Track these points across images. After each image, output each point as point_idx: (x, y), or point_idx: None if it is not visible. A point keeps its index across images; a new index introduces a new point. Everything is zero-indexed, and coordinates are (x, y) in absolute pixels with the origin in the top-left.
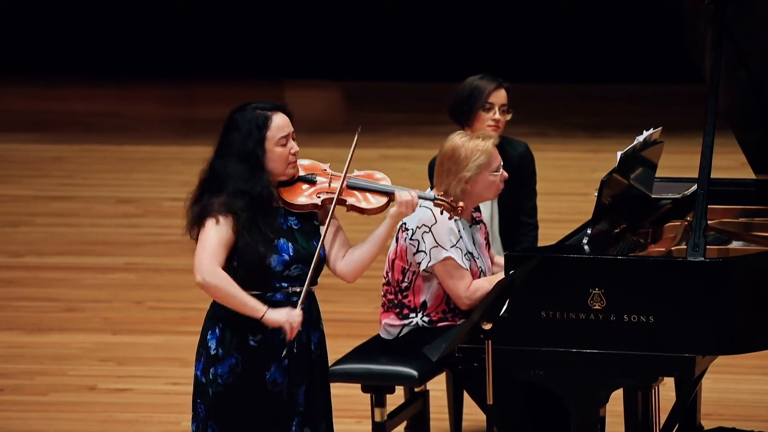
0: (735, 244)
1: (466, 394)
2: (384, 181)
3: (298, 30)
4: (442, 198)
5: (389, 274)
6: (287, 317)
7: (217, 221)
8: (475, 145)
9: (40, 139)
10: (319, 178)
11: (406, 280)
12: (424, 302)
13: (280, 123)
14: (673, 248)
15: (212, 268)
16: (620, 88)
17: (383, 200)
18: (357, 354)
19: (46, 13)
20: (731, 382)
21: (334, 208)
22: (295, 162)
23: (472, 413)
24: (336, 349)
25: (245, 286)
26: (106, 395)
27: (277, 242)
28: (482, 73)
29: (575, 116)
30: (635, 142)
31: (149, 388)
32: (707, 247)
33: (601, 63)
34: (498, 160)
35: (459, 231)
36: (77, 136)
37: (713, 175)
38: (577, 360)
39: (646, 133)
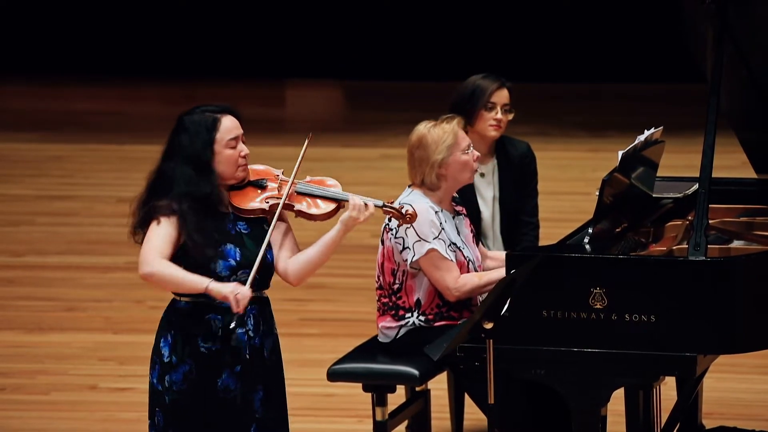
0: (736, 244)
1: (467, 394)
2: (335, 188)
3: (298, 29)
4: (390, 205)
5: (380, 278)
6: (233, 289)
7: (159, 222)
8: (441, 129)
9: (41, 139)
10: (269, 184)
11: (397, 281)
12: (418, 300)
13: (229, 125)
14: (674, 247)
15: (150, 258)
16: (621, 87)
17: (332, 206)
18: (358, 353)
19: (48, 12)
20: (732, 381)
21: (278, 212)
22: (246, 165)
23: (474, 413)
24: (337, 348)
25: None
26: (107, 394)
27: (223, 247)
28: (484, 72)
29: (576, 116)
30: (636, 142)
31: None
32: (708, 246)
33: (602, 62)
34: (467, 140)
35: (440, 223)
36: (78, 136)
37: (714, 175)
38: (578, 359)
39: (647, 133)
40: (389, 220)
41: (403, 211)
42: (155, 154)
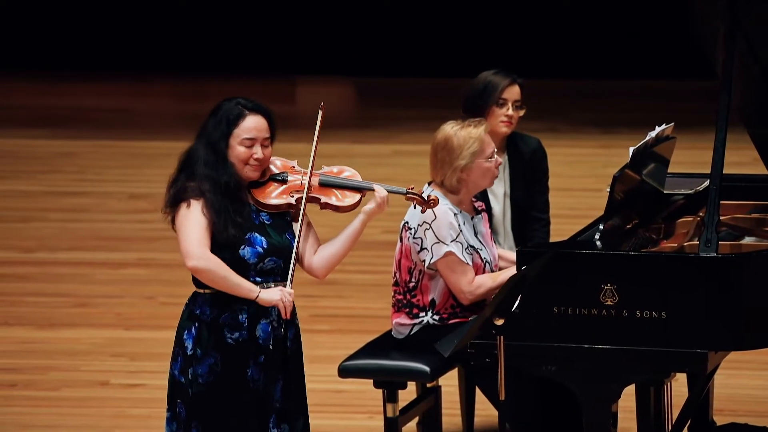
0: (747, 240)
1: (478, 390)
2: (355, 177)
3: (310, 26)
4: (413, 192)
5: (397, 275)
6: (281, 295)
7: (189, 205)
8: (468, 133)
9: (53, 135)
10: (290, 177)
11: (413, 279)
12: (433, 300)
13: (250, 125)
14: (685, 244)
15: (202, 251)
16: (632, 83)
17: (357, 197)
18: (369, 350)
19: (59, 9)
20: (744, 377)
21: (304, 207)
22: (258, 167)
23: (485, 409)
24: (348, 344)
25: None
26: (118, 390)
27: (250, 236)
28: (495, 68)
29: (587, 112)
30: (647, 138)
31: (161, 383)
32: (720, 242)
33: (613, 59)
34: (491, 147)
35: (459, 225)
36: (89, 132)
37: (726, 171)
38: (589, 356)
39: (658, 129)
40: (414, 206)
41: (425, 196)
42: (166, 150)
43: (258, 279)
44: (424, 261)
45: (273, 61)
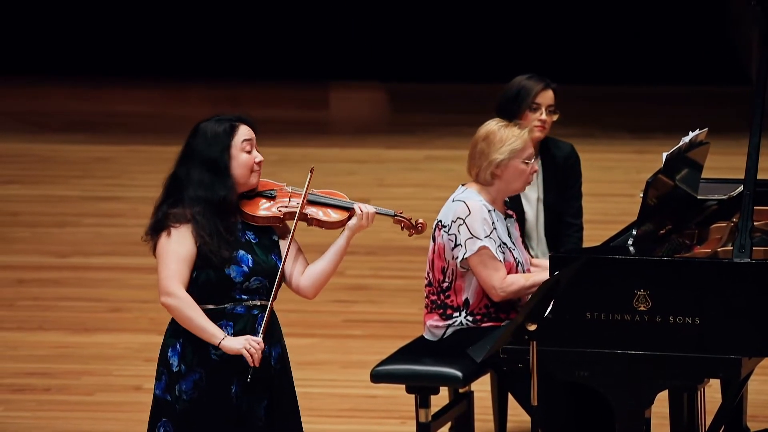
0: None
1: (510, 395)
2: (343, 198)
3: (343, 32)
4: (401, 215)
5: (430, 275)
6: (245, 344)
7: (169, 234)
8: (511, 131)
9: (87, 140)
10: (279, 194)
11: (446, 279)
12: (467, 300)
13: (244, 131)
14: (719, 249)
15: (172, 288)
16: (666, 89)
17: (344, 215)
18: (401, 355)
19: (94, 15)
20: None
21: (296, 223)
22: (259, 171)
23: (517, 414)
24: (381, 350)
25: (204, 297)
26: (152, 395)
27: (236, 253)
28: (529, 73)
29: (621, 117)
30: (681, 143)
31: None
32: (753, 248)
33: (647, 64)
34: (531, 151)
35: (493, 222)
36: (124, 137)
37: (760, 176)
38: (622, 361)
39: (692, 134)
40: (402, 229)
41: (414, 221)
42: None
43: (244, 296)
44: (457, 258)
45: (306, 67)
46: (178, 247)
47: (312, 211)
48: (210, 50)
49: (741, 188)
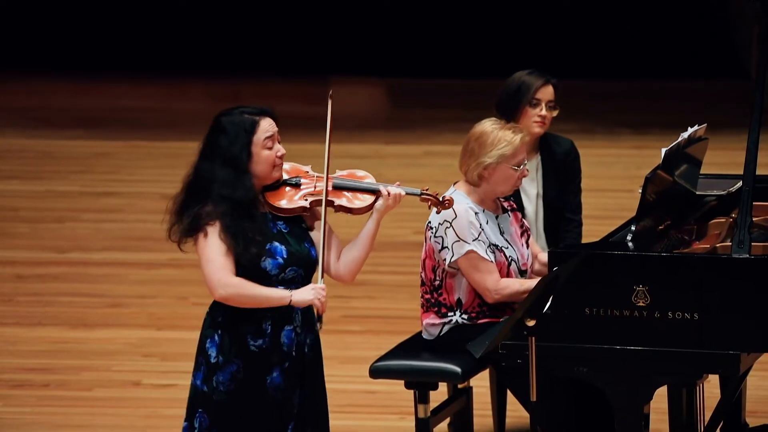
0: None
1: (509, 391)
2: (367, 179)
3: (342, 27)
4: (427, 192)
5: (422, 274)
6: (313, 293)
7: (207, 234)
8: (503, 135)
9: (87, 135)
10: (303, 181)
11: (437, 278)
12: (459, 300)
13: (266, 126)
14: (717, 245)
15: (224, 280)
16: (665, 84)
17: (370, 199)
18: (400, 350)
19: (95, 10)
20: None
21: (325, 211)
22: (281, 165)
23: (516, 410)
24: (379, 345)
25: None
26: (151, 391)
27: (270, 246)
28: (529, 68)
29: (620, 113)
30: (680, 139)
31: None
32: (752, 244)
33: (647, 60)
34: (522, 157)
35: (480, 224)
36: (123, 132)
37: (759, 172)
38: (620, 357)
39: (690, 130)
40: (429, 207)
41: (440, 197)
42: None
43: (280, 287)
44: (445, 260)
45: (306, 62)
46: (218, 241)
47: (338, 199)
48: (210, 45)
49: (740, 184)
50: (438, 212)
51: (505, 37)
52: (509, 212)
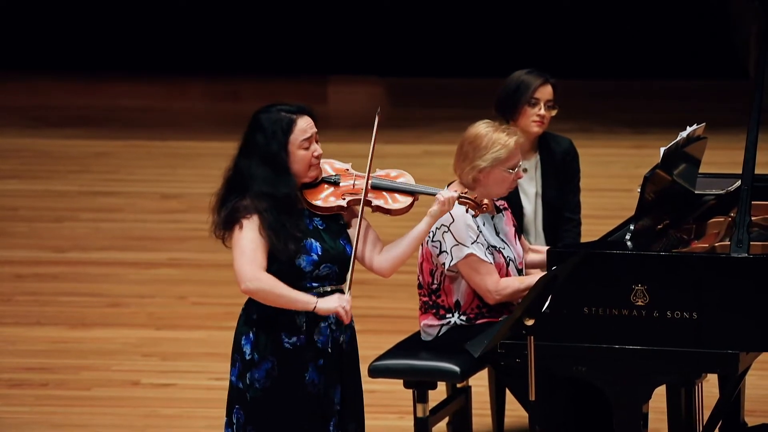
0: None
1: (508, 390)
2: (402, 177)
3: (341, 26)
4: (466, 196)
5: (420, 277)
6: (338, 302)
7: (242, 227)
8: (498, 138)
9: (85, 135)
10: (342, 179)
11: (435, 281)
12: (457, 302)
13: (303, 126)
14: (716, 244)
15: (253, 273)
16: (664, 83)
17: (408, 200)
18: (399, 350)
19: (93, 9)
20: None
21: (362, 211)
22: (318, 164)
23: (515, 409)
24: (378, 344)
25: None
26: (150, 390)
27: (305, 242)
28: (528, 68)
29: (619, 112)
30: (678, 138)
31: (193, 383)
32: (751, 243)
33: (646, 59)
34: (517, 159)
35: (478, 226)
36: (122, 132)
37: (757, 171)
38: (619, 356)
39: (689, 129)
40: (467, 211)
41: (479, 200)
42: (199, 151)
43: (314, 284)
44: (444, 264)
45: (305, 62)
46: (253, 235)
47: (376, 200)
48: (210, 45)
49: (738, 183)
50: (475, 216)
51: (505, 37)
52: (503, 211)
